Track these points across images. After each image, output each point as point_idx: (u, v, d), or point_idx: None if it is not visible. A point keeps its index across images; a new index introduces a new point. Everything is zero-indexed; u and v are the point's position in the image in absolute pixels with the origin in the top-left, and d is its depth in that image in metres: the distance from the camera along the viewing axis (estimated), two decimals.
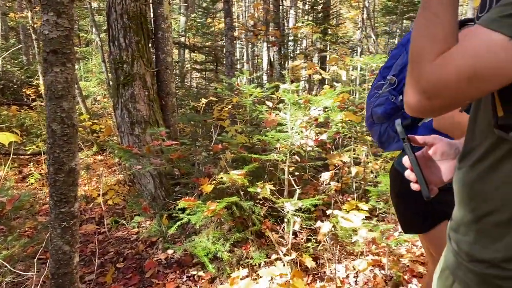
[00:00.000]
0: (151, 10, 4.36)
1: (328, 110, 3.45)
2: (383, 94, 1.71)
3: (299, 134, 3.09)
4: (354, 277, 2.94)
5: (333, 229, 3.06)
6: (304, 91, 7.25)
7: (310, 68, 4.42)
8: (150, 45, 4.26)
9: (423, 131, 1.57)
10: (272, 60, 8.36)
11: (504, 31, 0.65)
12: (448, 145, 1.01)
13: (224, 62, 5.47)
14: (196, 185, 3.31)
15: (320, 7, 7.98)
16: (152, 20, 4.30)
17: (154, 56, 4.26)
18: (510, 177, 0.66)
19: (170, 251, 3.45)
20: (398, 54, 1.72)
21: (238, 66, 9.99)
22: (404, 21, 10.55)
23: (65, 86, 1.53)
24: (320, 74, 4.15)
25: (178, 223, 2.93)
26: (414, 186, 0.98)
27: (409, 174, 0.99)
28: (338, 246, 3.19)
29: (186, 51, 8.42)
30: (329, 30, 8.18)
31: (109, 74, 7.53)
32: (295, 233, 3.33)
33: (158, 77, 4.22)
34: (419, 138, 1.02)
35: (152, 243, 3.68)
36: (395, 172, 1.74)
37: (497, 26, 0.66)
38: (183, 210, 3.01)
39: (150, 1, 4.16)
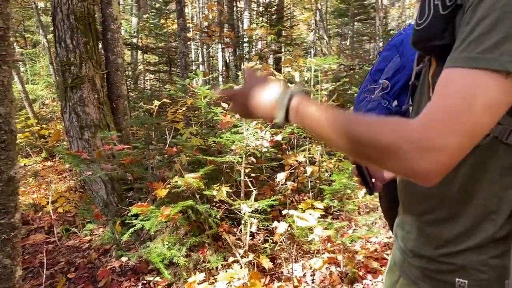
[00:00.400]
0: (100, 10, 4.22)
1: None
2: (375, 98, 1.62)
3: (254, 135, 3.08)
4: (311, 275, 2.97)
5: (289, 228, 3.08)
6: None
7: (265, 70, 4.44)
8: (100, 46, 4.12)
9: None
10: (227, 61, 8.34)
11: (494, 67, 0.59)
12: None
13: (178, 63, 5.39)
14: (150, 189, 3.23)
15: (274, 9, 8.05)
16: (101, 21, 4.16)
17: (104, 58, 4.13)
18: (449, 177, 0.68)
19: (124, 259, 3.34)
20: (390, 56, 1.63)
21: (194, 67, 9.89)
22: (355, 23, 10.85)
23: (1, 90, 1.44)
24: (275, 75, 4.17)
25: (132, 229, 2.85)
26: (359, 182, 1.00)
27: (354, 170, 1.01)
28: (295, 245, 3.21)
29: (139, 52, 8.23)
30: (283, 31, 8.27)
31: (57, 77, 7.24)
32: (252, 235, 3.32)
33: (108, 79, 4.09)
34: None
35: (106, 251, 3.56)
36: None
37: (485, 64, 0.60)
38: (136, 216, 2.92)
39: (98, 1, 4.03)
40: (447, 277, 0.82)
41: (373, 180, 1.04)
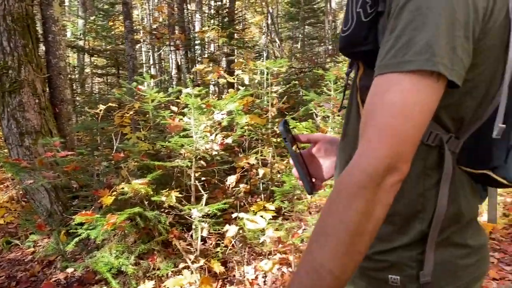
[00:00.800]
0: (40, 12, 4.03)
1: (232, 114, 3.46)
2: None
3: (203, 138, 3.05)
4: (263, 277, 2.98)
5: (241, 231, 3.07)
6: (214, 95, 7.24)
7: (215, 72, 4.42)
8: (43, 48, 3.94)
9: None
10: (179, 63, 8.23)
11: (426, 68, 0.61)
12: (330, 142, 1.05)
13: (127, 66, 5.26)
14: (96, 197, 3.12)
15: (225, 11, 8.03)
16: (41, 22, 3.98)
17: (46, 61, 3.95)
18: None
19: (70, 270, 3.20)
20: None
21: (144, 70, 9.70)
22: (306, 26, 11.05)
23: None
24: (225, 78, 4.16)
25: (76, 239, 2.74)
26: (299, 183, 1.00)
27: (294, 172, 1.01)
28: (247, 248, 3.21)
29: (86, 55, 7.95)
30: (235, 34, 8.27)
31: None
32: (204, 239, 3.29)
33: (50, 84, 3.91)
34: (302, 137, 1.04)
35: (50, 262, 3.40)
36: None
37: (417, 65, 0.61)
38: (82, 225, 2.82)
39: (38, 2, 3.85)
40: (381, 274, 0.84)
41: (313, 179, 1.05)
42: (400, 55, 0.62)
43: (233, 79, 4.54)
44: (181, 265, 2.95)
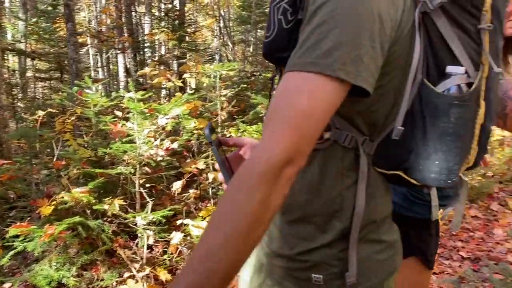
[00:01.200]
0: None
1: (179, 118, 3.41)
2: None
3: (147, 144, 2.99)
4: None
5: (188, 237, 3.03)
6: (166, 99, 7.12)
7: (162, 76, 4.34)
8: None
9: None
10: (128, 67, 8.04)
11: (327, 72, 0.64)
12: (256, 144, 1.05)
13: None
14: (34, 207, 2.97)
15: (175, 14, 7.93)
16: None
17: None
18: (299, 181, 0.72)
19: (7, 285, 3.03)
20: None
21: (92, 74, 9.39)
22: (258, 30, 11.12)
23: None
24: (173, 82, 4.10)
25: (12, 252, 2.60)
26: (224, 187, 0.99)
27: (219, 177, 1.00)
28: None
29: (28, 58, 7.60)
30: (186, 37, 8.18)
31: None
32: (150, 247, 3.21)
33: None
34: (229, 140, 1.04)
35: None
36: None
37: (319, 68, 0.65)
38: (18, 237, 2.68)
39: None
40: (305, 274, 0.86)
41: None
42: (306, 56, 0.65)
43: (181, 82, 4.48)
44: (126, 275, 2.87)
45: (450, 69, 0.74)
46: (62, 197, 2.74)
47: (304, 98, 0.64)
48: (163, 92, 7.47)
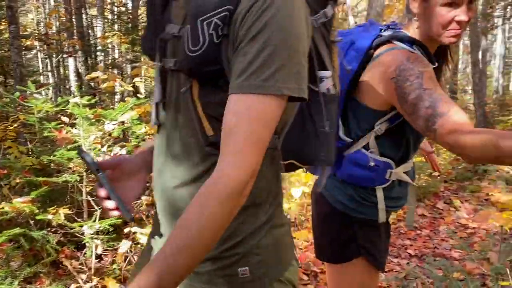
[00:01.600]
0: None
1: (128, 124, 3.34)
2: None
3: (93, 150, 2.91)
4: None
5: (139, 245, 2.97)
6: (118, 104, 6.93)
7: (112, 80, 4.24)
8: None
9: (347, 165, 1.45)
10: (80, 71, 7.79)
11: (273, 92, 0.75)
12: (131, 162, 1.04)
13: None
14: None
15: (127, 17, 7.77)
16: None
17: None
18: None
19: None
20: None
21: (42, 78, 9.05)
22: None
23: None
24: (121, 86, 4.02)
25: None
26: (114, 214, 0.95)
27: (106, 204, 0.96)
28: None
29: None
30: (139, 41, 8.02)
31: None
32: (99, 257, 3.13)
33: None
34: (105, 163, 1.00)
35: None
36: (318, 196, 1.56)
37: (267, 90, 0.75)
38: None
39: None
40: (231, 270, 0.87)
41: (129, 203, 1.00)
42: (253, 79, 0.74)
43: (132, 87, 4.40)
44: (73, 286, 2.77)
45: (321, 74, 0.90)
46: (2, 208, 2.62)
47: (258, 118, 0.74)
48: (117, 97, 7.30)
